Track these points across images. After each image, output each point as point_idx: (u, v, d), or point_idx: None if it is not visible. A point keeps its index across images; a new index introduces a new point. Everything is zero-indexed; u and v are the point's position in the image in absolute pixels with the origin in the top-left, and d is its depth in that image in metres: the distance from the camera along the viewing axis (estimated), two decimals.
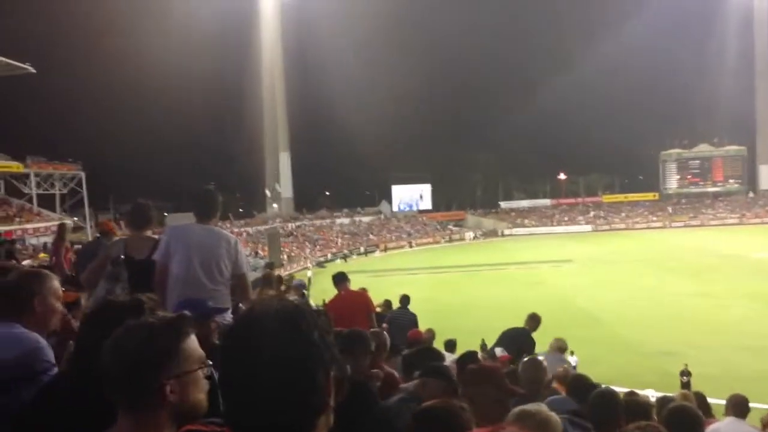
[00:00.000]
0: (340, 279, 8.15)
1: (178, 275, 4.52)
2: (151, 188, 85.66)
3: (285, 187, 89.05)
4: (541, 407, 3.45)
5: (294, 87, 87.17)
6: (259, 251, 57.87)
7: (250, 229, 69.26)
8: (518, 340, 8.45)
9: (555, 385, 6.44)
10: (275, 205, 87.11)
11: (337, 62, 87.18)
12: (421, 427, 2.32)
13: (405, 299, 11.81)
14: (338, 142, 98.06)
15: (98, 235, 7.55)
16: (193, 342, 1.58)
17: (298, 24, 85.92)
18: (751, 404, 6.45)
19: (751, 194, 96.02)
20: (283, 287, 10.97)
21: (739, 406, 5.68)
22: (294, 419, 1.22)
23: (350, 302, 7.70)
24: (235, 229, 66.40)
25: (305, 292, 12.44)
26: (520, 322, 9.27)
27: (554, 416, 3.14)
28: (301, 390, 1.22)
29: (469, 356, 6.89)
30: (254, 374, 1.21)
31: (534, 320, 9.09)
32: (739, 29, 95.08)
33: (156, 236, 5.18)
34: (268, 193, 77.72)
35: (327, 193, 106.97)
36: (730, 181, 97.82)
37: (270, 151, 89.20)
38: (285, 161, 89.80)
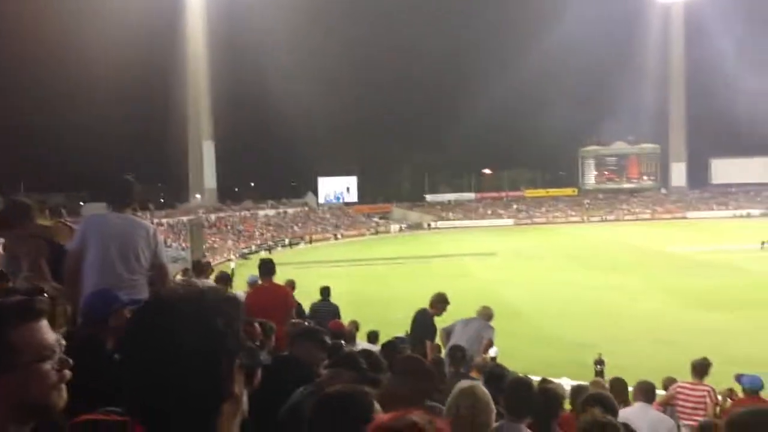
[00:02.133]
0: (266, 268, 7.90)
1: (94, 264, 4.37)
2: (69, 177, 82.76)
3: (208, 177, 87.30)
4: (477, 384, 3.51)
5: (220, 75, 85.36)
6: (181, 242, 56.63)
7: (171, 220, 67.56)
8: (422, 326, 8.52)
9: (473, 374, 6.54)
10: (198, 196, 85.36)
11: (266, 52, 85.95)
12: (322, 413, 2.26)
13: (326, 291, 11.76)
14: (264, 132, 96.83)
15: None
16: (29, 331, 1.40)
17: (225, 10, 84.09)
18: (658, 391, 6.75)
19: (663, 190, 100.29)
20: (212, 277, 10.77)
21: (646, 392, 5.94)
22: (196, 407, 1.20)
23: (270, 295, 7.56)
24: (156, 220, 64.68)
25: (228, 283, 12.22)
26: (443, 315, 9.28)
27: (487, 393, 3.22)
28: (204, 377, 1.19)
29: (391, 345, 6.92)
30: (155, 360, 1.18)
31: (440, 300, 9.01)
32: (656, 32, 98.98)
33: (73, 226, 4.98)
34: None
35: (252, 184, 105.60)
36: (645, 177, 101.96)
37: (193, 140, 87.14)
38: (209, 151, 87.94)
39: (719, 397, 7.50)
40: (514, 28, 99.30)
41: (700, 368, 7.55)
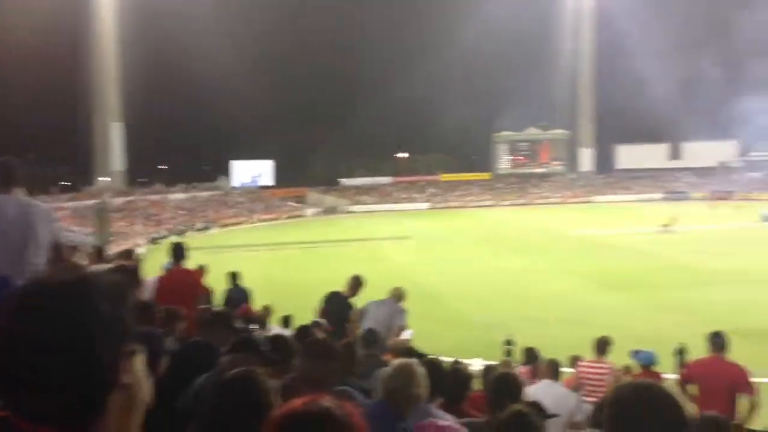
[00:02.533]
0: (178, 252, 7.67)
1: None
2: None
3: (116, 159, 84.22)
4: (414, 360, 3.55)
5: (130, 54, 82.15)
6: (87, 227, 54.50)
7: (76, 204, 64.89)
8: (338, 309, 8.48)
9: (387, 356, 6.57)
10: (105, 179, 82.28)
11: (179, 31, 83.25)
12: (219, 398, 2.20)
13: (234, 276, 11.57)
14: (176, 114, 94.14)
15: None
16: None
17: None
18: (562, 369, 7.01)
19: (572, 175, 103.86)
20: (114, 263, 10.34)
21: (552, 370, 6.15)
22: (77, 397, 1.13)
23: (180, 280, 7.37)
24: (59, 204, 62.03)
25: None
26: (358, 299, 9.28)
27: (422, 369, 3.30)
28: (85, 366, 1.13)
29: (304, 330, 6.86)
30: (32, 349, 1.11)
31: (355, 282, 9.05)
32: (568, 20, 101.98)
33: None
34: None
35: (163, 167, 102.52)
36: (555, 163, 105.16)
37: (100, 120, 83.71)
38: (117, 132, 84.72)
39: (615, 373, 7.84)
40: (432, 14, 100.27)
41: (600, 346, 7.87)
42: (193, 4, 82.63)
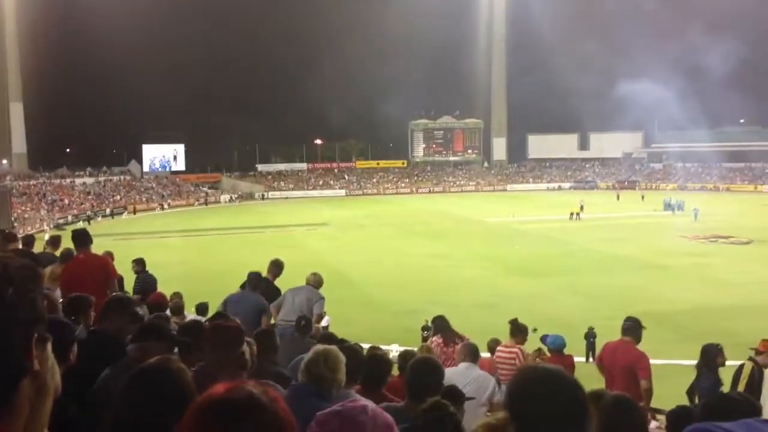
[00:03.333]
0: (80, 238, 7.30)
1: None
2: None
3: (17, 141, 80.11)
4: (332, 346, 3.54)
5: (31, 31, 78.10)
6: None
7: None
8: (265, 292, 8.30)
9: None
10: (5, 162, 78.17)
11: (87, 7, 79.74)
12: (134, 391, 2.11)
13: (141, 262, 11.17)
14: (84, 95, 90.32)
15: None
16: None
17: None
18: (484, 354, 7.18)
19: (486, 164, 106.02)
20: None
21: (471, 352, 6.26)
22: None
23: (88, 266, 7.03)
24: None
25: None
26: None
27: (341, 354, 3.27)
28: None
29: (220, 316, 6.70)
30: None
31: (276, 266, 8.92)
32: (484, 12, 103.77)
33: None
34: None
35: (68, 150, 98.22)
36: (469, 151, 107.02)
37: None
38: (17, 112, 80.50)
39: (528, 358, 8.05)
40: (351, 2, 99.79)
41: (513, 330, 8.07)
42: None
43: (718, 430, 1.21)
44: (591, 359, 16.31)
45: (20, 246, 8.18)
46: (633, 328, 7.01)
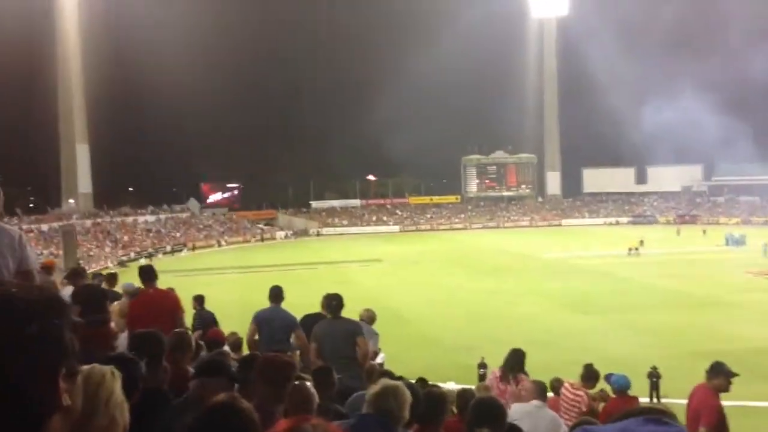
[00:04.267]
0: (147, 274, 7.50)
1: None
2: None
3: (83, 181, 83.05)
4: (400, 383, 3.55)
5: (95, 75, 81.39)
6: (53, 250, 53.56)
7: (43, 226, 63.75)
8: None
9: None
10: (71, 201, 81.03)
11: (146, 53, 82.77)
12: (204, 429, 2.17)
13: (200, 299, 11.37)
14: (145, 136, 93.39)
15: None
16: None
17: (99, 7, 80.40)
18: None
19: (540, 199, 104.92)
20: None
21: (541, 391, 6.15)
22: (6, 427, 1.07)
23: (157, 301, 7.21)
24: (25, 226, 60.86)
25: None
26: None
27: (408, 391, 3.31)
28: (12, 392, 1.06)
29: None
30: None
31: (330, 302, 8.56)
32: (532, 46, 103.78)
33: None
34: None
35: (131, 189, 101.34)
36: (523, 186, 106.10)
37: (66, 142, 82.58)
38: (83, 154, 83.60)
39: (591, 400, 7.85)
40: (401, 39, 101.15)
41: (586, 374, 7.85)
42: (163, 26, 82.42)
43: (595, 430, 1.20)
44: (655, 400, 15.81)
45: (88, 281, 8.46)
46: (712, 370, 6.77)
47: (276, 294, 8.55)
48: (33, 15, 77.48)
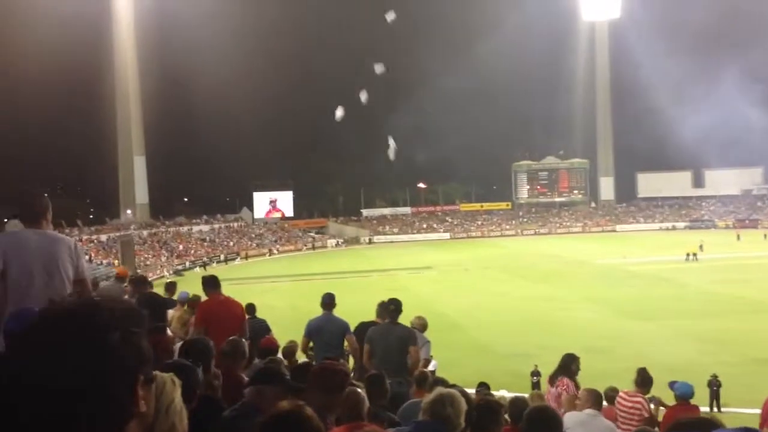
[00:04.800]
0: (212, 283, 7.70)
1: (19, 285, 4.14)
2: None
3: (140, 192, 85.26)
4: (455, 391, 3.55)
5: (150, 89, 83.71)
6: (112, 260, 55.05)
7: (102, 237, 65.63)
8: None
9: (413, 389, 6.54)
10: (129, 212, 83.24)
11: (199, 65, 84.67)
12: None
13: (251, 307, 11.52)
14: (198, 147, 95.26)
15: None
16: None
17: (154, 22, 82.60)
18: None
19: (593, 204, 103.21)
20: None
21: (595, 399, 6.05)
22: (88, 429, 1.09)
23: (227, 307, 7.42)
24: (86, 236, 62.79)
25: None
26: None
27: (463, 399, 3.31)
28: (95, 398, 1.09)
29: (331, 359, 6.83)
30: (36, 385, 1.07)
31: (387, 308, 8.34)
32: (583, 49, 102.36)
33: None
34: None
35: (185, 200, 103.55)
36: (575, 191, 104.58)
37: (124, 154, 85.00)
38: (140, 166, 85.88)
39: (651, 407, 7.68)
40: (448, 45, 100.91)
41: (640, 379, 7.70)
42: (215, 38, 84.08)
43: None
44: (716, 409, 15.38)
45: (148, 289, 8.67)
46: None
47: (328, 301, 8.65)
48: (90, 32, 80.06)
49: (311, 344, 8.43)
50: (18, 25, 71.56)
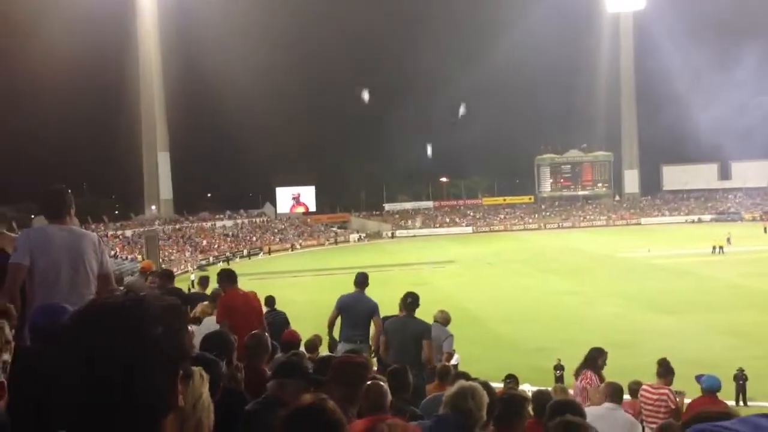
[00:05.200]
0: (229, 278, 7.75)
1: (46, 279, 4.22)
2: (17, 190, 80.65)
3: (164, 188, 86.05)
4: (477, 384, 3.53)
5: (174, 86, 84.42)
6: (136, 255, 55.65)
7: (127, 232, 66.35)
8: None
9: (435, 383, 6.54)
10: (153, 208, 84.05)
11: (221, 62, 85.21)
12: (294, 430, 2.22)
13: (271, 300, 11.57)
14: (221, 143, 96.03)
15: None
16: None
17: (178, 20, 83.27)
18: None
19: (617, 197, 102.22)
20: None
21: (615, 393, 6.01)
22: (128, 424, 1.14)
23: (247, 300, 7.48)
24: (111, 232, 63.56)
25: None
26: None
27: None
28: (140, 391, 1.13)
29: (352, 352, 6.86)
30: (84, 375, 1.11)
31: (406, 299, 8.40)
32: (608, 42, 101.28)
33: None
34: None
35: (209, 195, 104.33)
36: (599, 185, 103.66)
37: (148, 150, 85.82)
38: (164, 161, 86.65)
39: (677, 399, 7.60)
40: (470, 38, 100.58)
41: (662, 370, 7.64)
42: (237, 34, 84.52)
43: (718, 429, 1.15)
44: (742, 403, 15.20)
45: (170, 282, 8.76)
46: None
47: (361, 280, 9.04)
48: (115, 29, 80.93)
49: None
50: (44, 23, 72.53)
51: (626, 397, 7.94)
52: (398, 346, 7.68)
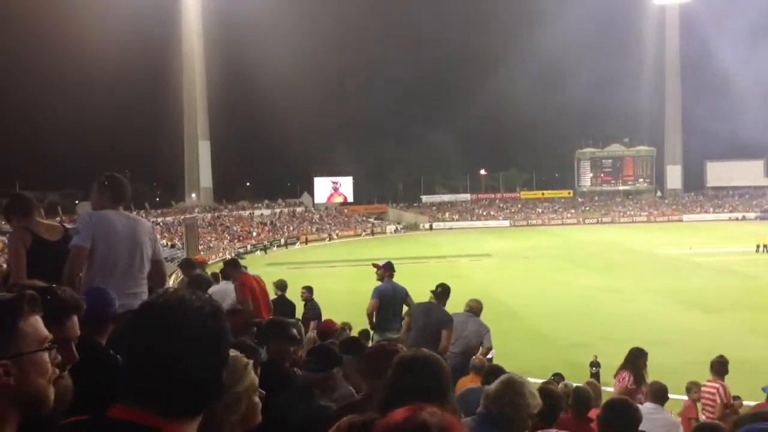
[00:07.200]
0: (234, 266, 8.22)
1: (107, 263, 4.35)
2: (63, 176, 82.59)
3: (204, 176, 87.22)
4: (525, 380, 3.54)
5: (215, 75, 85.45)
6: (176, 242, 56.53)
7: (167, 219, 67.44)
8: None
9: (471, 375, 6.56)
10: (194, 195, 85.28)
11: (262, 52, 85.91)
12: (409, 373, 2.32)
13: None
14: (260, 132, 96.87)
15: None
16: (34, 322, 1.42)
17: (221, 9, 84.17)
18: (676, 396, 6.76)
19: (659, 193, 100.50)
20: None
21: (658, 393, 5.94)
22: (197, 402, 1.35)
23: (260, 284, 7.93)
24: (152, 219, 64.60)
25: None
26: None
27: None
28: (207, 374, 1.34)
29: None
30: (162, 358, 1.29)
31: (436, 288, 8.54)
32: (651, 34, 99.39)
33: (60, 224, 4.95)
34: None
35: (247, 184, 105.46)
36: (640, 180, 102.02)
37: (189, 139, 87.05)
38: (205, 150, 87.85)
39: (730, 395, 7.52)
40: (511, 31, 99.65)
41: (717, 367, 7.56)
42: (279, 24, 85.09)
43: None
44: None
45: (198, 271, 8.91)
46: None
47: (392, 268, 9.61)
48: (159, 21, 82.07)
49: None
50: (92, 16, 73.93)
51: (684, 397, 7.87)
52: (419, 330, 7.85)
